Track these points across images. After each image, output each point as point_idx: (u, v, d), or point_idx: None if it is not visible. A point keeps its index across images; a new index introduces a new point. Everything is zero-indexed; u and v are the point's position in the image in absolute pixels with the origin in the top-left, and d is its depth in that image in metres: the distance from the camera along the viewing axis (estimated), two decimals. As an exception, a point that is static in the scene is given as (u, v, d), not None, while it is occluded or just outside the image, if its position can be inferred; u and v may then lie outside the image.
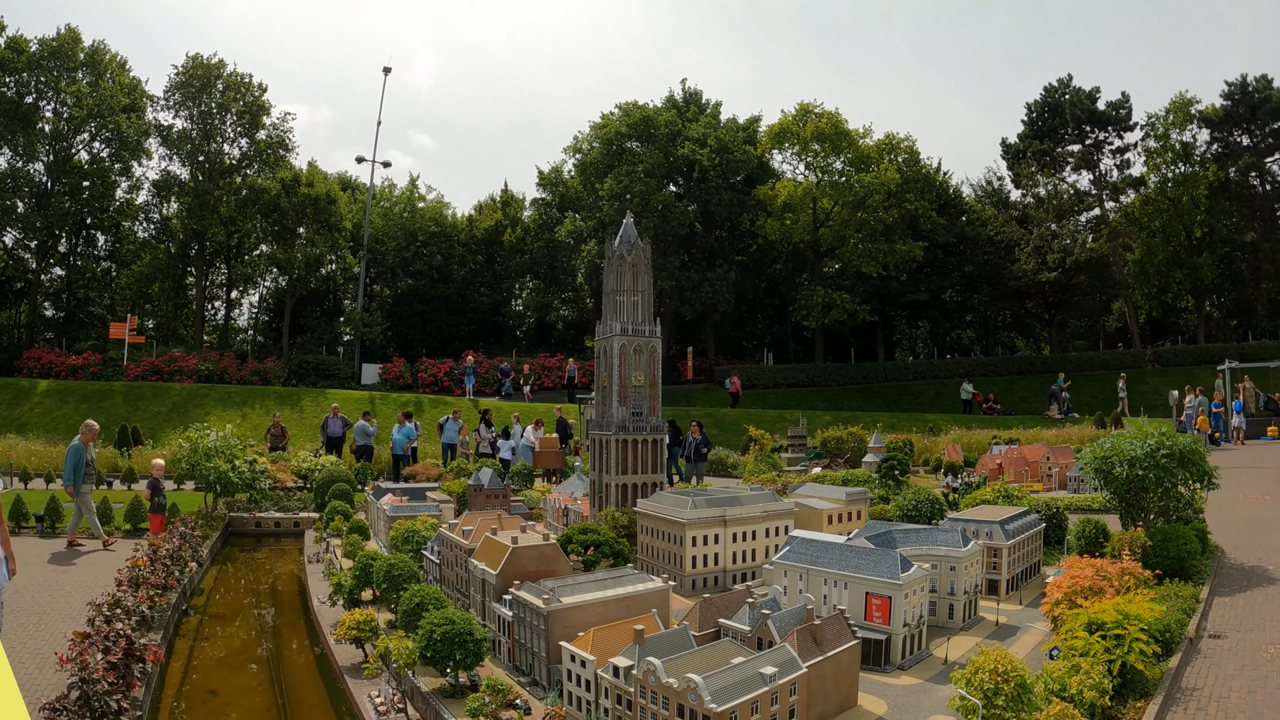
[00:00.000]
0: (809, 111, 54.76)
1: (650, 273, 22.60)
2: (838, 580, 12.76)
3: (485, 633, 11.87)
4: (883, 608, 12.06)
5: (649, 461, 21.90)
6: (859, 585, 12.43)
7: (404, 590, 13.87)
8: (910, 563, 12.38)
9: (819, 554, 13.31)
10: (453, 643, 11.32)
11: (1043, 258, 62.00)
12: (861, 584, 12.39)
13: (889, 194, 53.54)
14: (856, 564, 12.67)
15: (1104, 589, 11.05)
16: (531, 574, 13.56)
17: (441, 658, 11.26)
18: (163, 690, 13.28)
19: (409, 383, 51.18)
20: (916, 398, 52.36)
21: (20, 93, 50.74)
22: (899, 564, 12.19)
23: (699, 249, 61.11)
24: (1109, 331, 74.53)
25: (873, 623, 12.18)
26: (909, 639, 12.12)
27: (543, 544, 14.19)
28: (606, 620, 11.60)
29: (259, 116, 54.72)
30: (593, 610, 11.91)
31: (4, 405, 41.44)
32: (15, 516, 22.45)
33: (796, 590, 13.40)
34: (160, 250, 57.91)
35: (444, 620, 11.50)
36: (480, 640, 11.64)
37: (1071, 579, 11.49)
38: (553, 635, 11.59)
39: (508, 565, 13.63)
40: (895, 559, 12.28)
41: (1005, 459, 25.93)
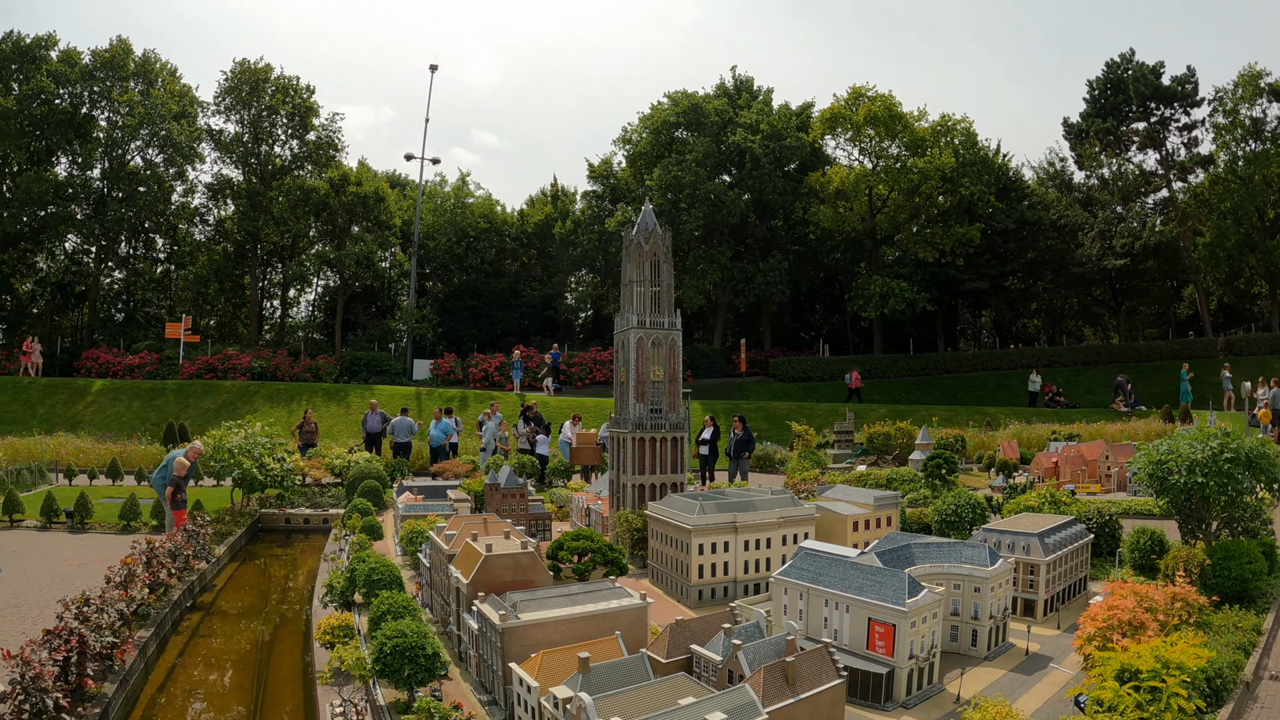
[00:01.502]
0: (861, 95, 52.24)
1: (670, 263, 21.13)
2: (839, 602, 11.18)
3: (439, 647, 10.72)
4: (886, 636, 10.45)
5: (668, 461, 20.51)
6: (861, 609, 10.84)
7: (376, 596, 12.84)
8: (920, 586, 10.72)
9: (822, 571, 11.74)
10: (403, 656, 10.31)
11: (1109, 242, 58.33)
12: (864, 608, 10.80)
13: (945, 178, 50.71)
14: (860, 585, 11.07)
15: (1146, 624, 9.22)
16: (506, 584, 12.41)
17: (392, 671, 10.32)
18: (144, 687, 12.92)
19: (460, 378, 50.68)
20: (977, 390, 49.53)
21: (75, 103, 51.67)
22: (906, 587, 10.54)
23: (753, 239, 59.14)
24: (1180, 319, 69.94)
25: (875, 652, 10.58)
26: (916, 672, 10.48)
27: (519, 552, 12.94)
28: (571, 640, 10.47)
29: (308, 118, 54.81)
30: (555, 628, 10.70)
31: (61, 404, 42.01)
32: (46, 512, 22.51)
33: (797, 611, 11.88)
34: (216, 251, 58.60)
35: (396, 633, 10.48)
36: (434, 655, 10.49)
37: (1109, 610, 9.69)
38: (509, 653, 10.44)
39: (479, 574, 12.45)
40: (902, 581, 10.64)
41: (1061, 457, 23.71)
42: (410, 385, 48.42)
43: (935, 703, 10.27)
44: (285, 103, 53.85)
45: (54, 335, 55.12)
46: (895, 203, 52.69)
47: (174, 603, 16.53)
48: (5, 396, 42.37)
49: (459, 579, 12.81)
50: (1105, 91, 60.15)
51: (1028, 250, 57.58)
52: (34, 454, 31.01)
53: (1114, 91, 59.34)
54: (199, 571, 18.86)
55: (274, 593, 19.57)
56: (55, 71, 50.77)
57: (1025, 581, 13.62)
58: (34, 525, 22.45)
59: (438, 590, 14.97)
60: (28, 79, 50.16)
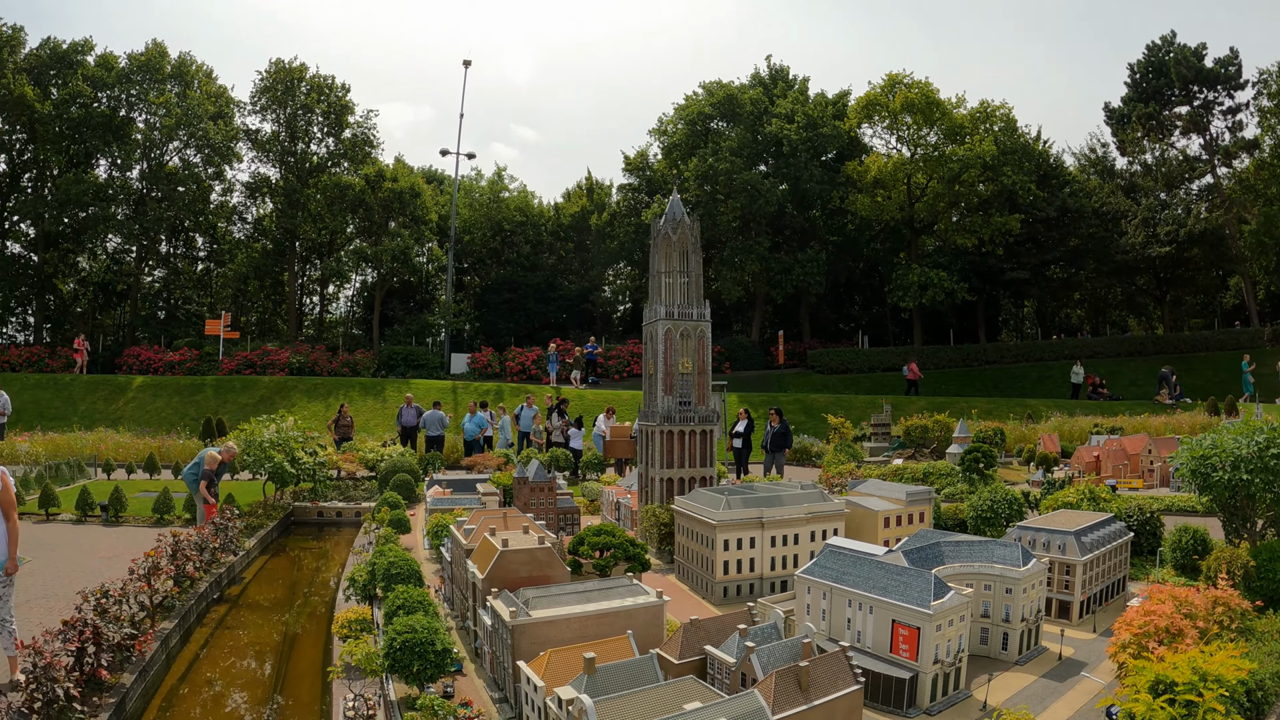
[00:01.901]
0: (897, 82, 51.07)
1: (699, 253, 20.73)
2: (863, 603, 10.78)
3: (449, 643, 10.55)
4: (910, 640, 10.03)
5: (697, 454, 20.18)
6: (885, 611, 10.43)
7: (392, 590, 12.74)
8: (946, 587, 10.27)
9: (846, 569, 11.34)
10: (411, 652, 10.17)
11: (1152, 230, 56.46)
12: (888, 610, 10.38)
13: (986, 166, 49.44)
14: (884, 585, 10.65)
15: (1184, 630, 8.68)
16: (522, 580, 12.17)
17: (401, 666, 10.19)
18: (164, 677, 13.00)
19: (497, 371, 50.71)
20: (1018, 381, 48.33)
21: (113, 106, 52.42)
22: (932, 588, 10.11)
23: (791, 230, 58.34)
24: (1226, 309, 67.52)
25: (899, 656, 10.17)
26: (942, 677, 10.05)
27: (535, 548, 12.69)
28: (584, 638, 10.17)
29: (343, 116, 55.12)
30: (567, 626, 10.43)
31: (101, 400, 42.75)
32: (81, 506, 22.68)
33: (820, 611, 11.51)
34: (255, 249, 59.24)
35: (406, 628, 10.33)
36: (444, 651, 10.30)
37: (1145, 615, 9.16)
38: (518, 651, 10.21)
39: (495, 569, 12.20)
40: (928, 582, 10.20)
41: (1103, 451, 22.88)
42: (447, 379, 48.55)
43: (961, 709, 9.83)
44: (320, 101, 54.25)
45: (96, 334, 56.16)
46: (934, 191, 51.56)
47: (200, 595, 16.60)
48: (47, 393, 43.24)
49: (475, 574, 12.64)
50: (1146, 75, 58.23)
51: (1070, 238, 55.99)
52: (74, 449, 31.49)
53: (1155, 75, 57.43)
54: (227, 564, 18.93)
55: (302, 586, 19.62)
56: (92, 76, 51.60)
57: (1060, 582, 13.07)
58: (69, 519, 22.66)
59: (457, 585, 14.83)
60: (65, 84, 51.08)
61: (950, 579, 11.58)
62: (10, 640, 11.25)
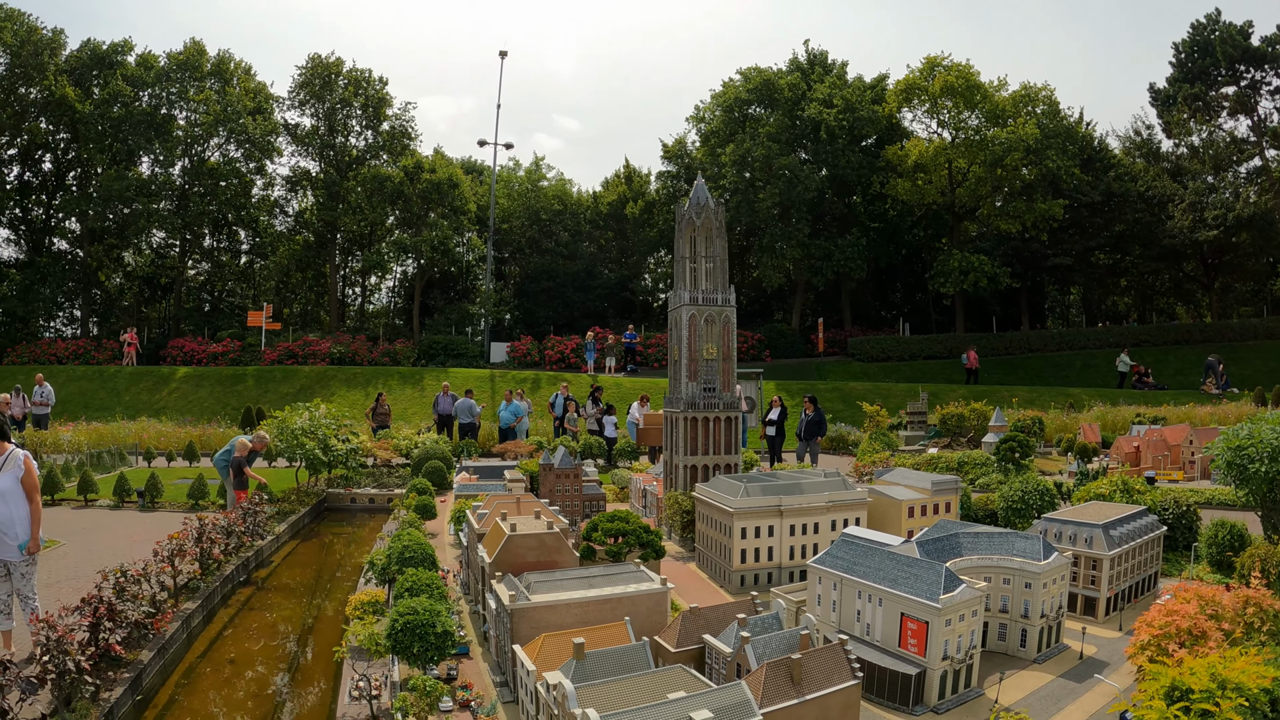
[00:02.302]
0: (936, 65, 49.70)
1: (724, 237, 20.33)
2: (872, 595, 10.40)
3: (450, 625, 10.42)
4: (919, 634, 9.63)
5: (721, 441, 19.85)
6: (894, 604, 10.03)
7: (403, 573, 12.71)
8: (958, 580, 9.82)
9: (857, 560, 10.96)
10: (412, 634, 10.16)
11: (1200, 214, 54.03)
12: (896, 602, 9.99)
13: (1029, 150, 47.88)
14: (894, 576, 10.26)
15: (1208, 633, 8.13)
16: (530, 564, 12.15)
17: (402, 648, 10.21)
18: (185, 655, 13.30)
19: (536, 360, 50.70)
20: (1062, 370, 46.85)
21: (154, 104, 53.24)
22: (942, 581, 9.68)
23: (831, 216, 57.32)
24: (1277, 296, 64.64)
25: (907, 651, 9.76)
26: (951, 674, 9.62)
27: (544, 533, 12.63)
28: (584, 623, 10.11)
29: (381, 109, 55.42)
30: (567, 611, 10.38)
31: (146, 391, 43.45)
32: (119, 492, 23.07)
33: (831, 602, 11.15)
34: (297, 242, 59.80)
35: (408, 610, 10.33)
36: (444, 634, 10.26)
37: (1167, 615, 8.60)
38: (517, 635, 10.18)
39: (503, 553, 12.26)
40: (939, 574, 9.77)
41: (1143, 442, 21.97)
42: (486, 368, 48.70)
43: (970, 709, 9.41)
44: (358, 95, 54.57)
45: (141, 326, 57.18)
46: (976, 176, 50.14)
47: (226, 577, 16.83)
48: (93, 385, 44.09)
49: (484, 558, 12.57)
50: (1191, 54, 55.76)
51: (1114, 224, 54.03)
52: (117, 438, 32.06)
53: (1201, 54, 54.96)
54: (256, 548, 19.18)
55: (329, 570, 19.70)
56: (132, 75, 52.43)
57: (1086, 577, 12.50)
58: (107, 505, 23.01)
59: (471, 569, 14.79)
60: (105, 84, 51.97)
61: (966, 572, 11.13)
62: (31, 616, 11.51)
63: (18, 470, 11.73)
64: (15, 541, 11.62)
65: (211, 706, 11.53)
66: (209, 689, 12.19)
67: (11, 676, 9.16)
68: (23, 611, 11.74)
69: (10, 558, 11.70)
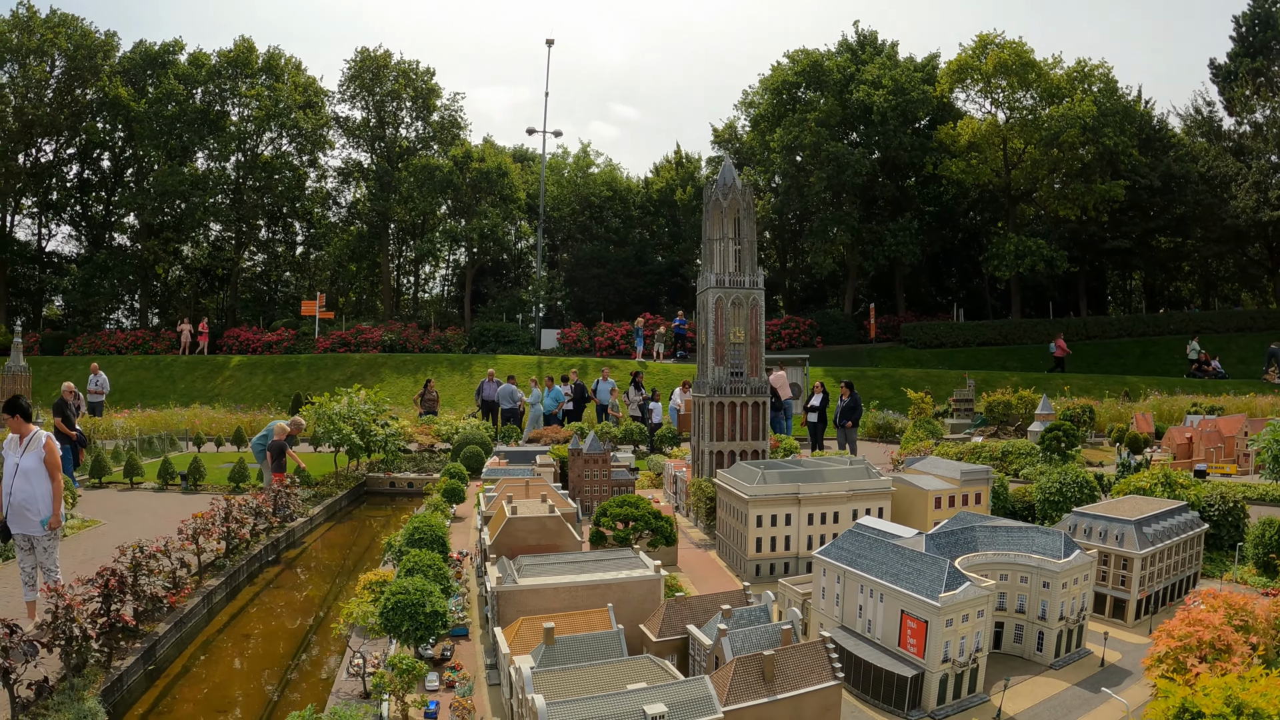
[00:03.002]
0: (989, 43, 47.50)
1: (752, 219, 19.65)
2: (874, 590, 9.75)
3: (443, 606, 10.36)
4: (918, 633, 8.96)
5: (749, 427, 19.19)
6: (895, 600, 9.38)
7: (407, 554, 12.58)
8: (962, 577, 9.09)
9: (862, 552, 10.33)
10: (402, 613, 10.11)
11: (1264, 194, 50.59)
12: (897, 599, 9.33)
13: (1086, 128, 45.53)
14: (897, 571, 9.59)
15: (1233, 646, 7.28)
16: (530, 547, 12.01)
17: (392, 626, 10.21)
18: (203, 629, 13.54)
19: (586, 346, 50.38)
20: (1121, 357, 44.60)
21: (208, 101, 54.26)
22: (944, 578, 8.97)
23: (884, 200, 55.62)
24: None
25: (907, 650, 9.09)
26: (953, 678, 8.92)
27: (545, 516, 12.41)
28: (572, 608, 9.86)
29: (430, 100, 55.56)
30: (554, 595, 10.12)
31: (200, 379, 44.31)
32: (163, 475, 23.49)
33: (834, 596, 10.54)
34: (351, 232, 60.38)
35: (400, 589, 10.29)
36: (434, 614, 10.16)
37: (1190, 625, 7.76)
38: (503, 618, 9.98)
39: (502, 536, 12.08)
40: (941, 570, 9.07)
41: (1197, 432, 20.57)
42: (535, 355, 48.58)
43: (970, 716, 8.69)
44: (407, 87, 54.75)
45: (199, 317, 58.36)
46: (1031, 157, 47.91)
47: (254, 556, 17.04)
48: (149, 374, 45.12)
49: (485, 540, 12.33)
50: (1253, 28, 52.42)
51: (1175, 205, 51.08)
52: (169, 424, 32.73)
53: (1262, 27, 51.65)
54: (287, 529, 19.41)
55: (358, 551, 19.72)
56: (183, 74, 53.44)
57: (1116, 577, 11.59)
58: (151, 487, 23.42)
59: (480, 551, 14.54)
60: (158, 83, 53.05)
61: (979, 568, 10.38)
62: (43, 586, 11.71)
63: (40, 451, 12.19)
64: (38, 517, 12.09)
65: (221, 677, 11.70)
66: (222, 661, 12.40)
67: (16, 641, 9.29)
68: (46, 583, 12.05)
69: (34, 532, 12.15)
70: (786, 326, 51.43)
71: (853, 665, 9.38)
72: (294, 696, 11.08)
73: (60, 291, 55.84)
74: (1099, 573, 11.79)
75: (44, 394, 39.48)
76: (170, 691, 11.18)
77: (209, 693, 11.22)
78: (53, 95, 53.36)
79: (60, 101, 53.46)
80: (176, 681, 11.50)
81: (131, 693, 10.90)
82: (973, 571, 10.39)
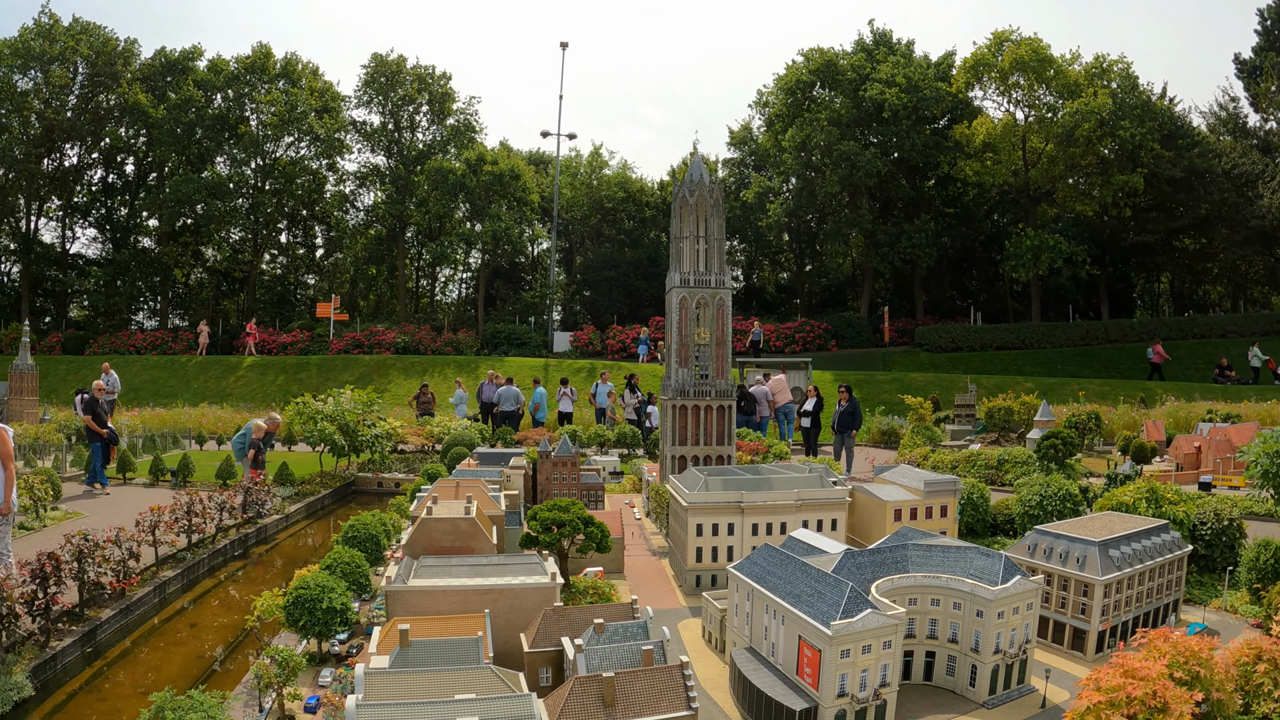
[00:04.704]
0: (1005, 40, 45.41)
1: (721, 216, 18.36)
2: (777, 611, 8.48)
3: (345, 602, 10.37)
4: (813, 663, 7.61)
5: (714, 431, 17.90)
6: (794, 624, 8.12)
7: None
8: (864, 603, 7.74)
9: (772, 569, 9.12)
10: (301, 607, 10.11)
11: None
12: (796, 624, 8.05)
13: (1101, 122, 43.30)
14: (799, 592, 8.33)
15: (1170, 705, 5.80)
16: (445, 549, 11.66)
17: (293, 620, 10.21)
18: (152, 618, 13.64)
19: (598, 349, 49.27)
20: (1141, 362, 42.19)
21: (227, 106, 54.07)
22: (843, 602, 7.66)
23: (901, 200, 53.69)
24: None
25: (803, 680, 7.76)
26: (852, 715, 7.55)
27: (459, 518, 11.89)
28: (462, 611, 9.51)
29: (446, 104, 54.84)
30: (443, 598, 9.68)
31: (213, 379, 44.05)
32: (154, 471, 23.57)
33: (745, 614, 9.26)
34: (369, 234, 59.90)
35: (302, 584, 10.33)
36: (331, 610, 10.12)
37: (1121, 676, 6.27)
38: (390, 617, 9.63)
39: (415, 536, 11.67)
40: (841, 594, 7.75)
41: (1206, 441, 18.75)
42: (544, 357, 47.55)
43: (867, 762, 7.32)
44: (422, 91, 54.13)
45: (217, 318, 57.89)
46: (1049, 155, 45.62)
47: (217, 550, 16.98)
48: (164, 373, 45.01)
49: (402, 539, 12.07)
50: (1278, 21, 49.21)
51: (1199, 203, 48.41)
52: (178, 423, 32.40)
53: None
54: (260, 525, 19.25)
55: (328, 548, 18.93)
56: (202, 80, 53.31)
57: (1076, 604, 10.10)
58: (143, 483, 23.44)
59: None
60: (177, 89, 52.90)
61: (904, 591, 9.02)
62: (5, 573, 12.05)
63: None
64: None
65: (157, 662, 11.93)
66: (161, 648, 12.55)
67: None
68: None
69: None
70: (801, 330, 49.85)
71: (748, 693, 8.16)
72: (218, 682, 11.03)
73: (82, 293, 55.99)
74: (1058, 599, 10.32)
75: (62, 392, 39.71)
76: (105, 673, 11.37)
77: (140, 676, 11.36)
78: (75, 101, 53.66)
79: (82, 107, 53.74)
80: (113, 664, 11.70)
81: (67, 671, 11.19)
82: (899, 595, 9.04)
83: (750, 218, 57.67)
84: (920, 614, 9.15)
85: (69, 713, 10.12)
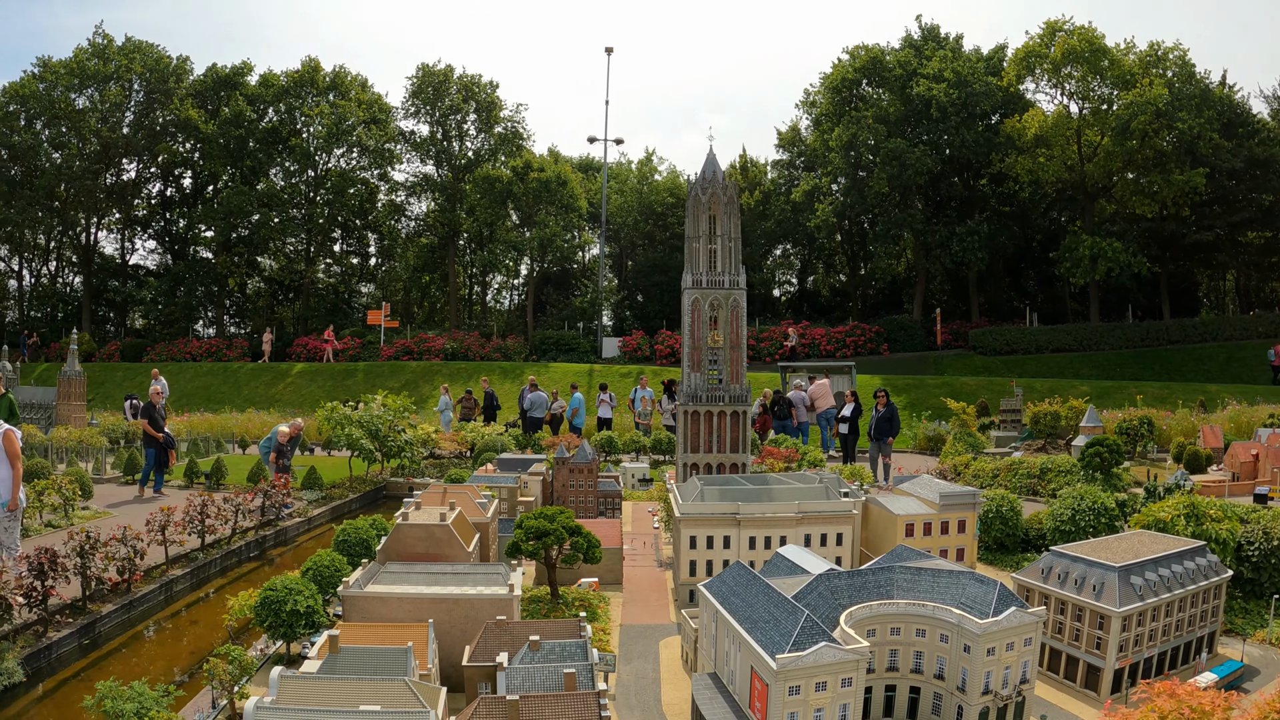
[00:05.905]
0: (1057, 30, 43.01)
1: (737, 216, 17.45)
2: (735, 637, 7.59)
3: (313, 605, 10.33)
4: (762, 698, 6.73)
5: (728, 438, 16.96)
6: (748, 654, 7.23)
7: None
8: (819, 634, 6.84)
9: (738, 589, 8.35)
10: (268, 609, 10.23)
11: None
12: (749, 654, 7.15)
13: (1157, 113, 40.75)
14: (757, 618, 7.51)
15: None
16: (419, 555, 11.53)
17: (260, 621, 10.40)
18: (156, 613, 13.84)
19: (647, 355, 48.44)
20: (1203, 364, 39.49)
21: (278, 120, 54.79)
22: (794, 632, 6.77)
23: (954, 200, 51.57)
24: None
25: (754, 715, 6.92)
26: (804, 762, 6.62)
27: (432, 524, 11.67)
28: (416, 618, 9.26)
29: (494, 112, 54.73)
30: (399, 605, 9.60)
31: (263, 385, 44.54)
32: (189, 474, 23.93)
33: (711, 637, 8.46)
34: (421, 243, 60.21)
35: (270, 586, 10.41)
36: (295, 612, 10.13)
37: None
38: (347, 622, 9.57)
39: (390, 542, 11.70)
40: (794, 623, 6.90)
41: (1264, 449, 17.03)
42: (589, 363, 46.93)
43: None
44: (469, 100, 54.14)
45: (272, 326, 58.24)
46: (1106, 149, 43.00)
47: (231, 551, 17.06)
48: (216, 380, 45.82)
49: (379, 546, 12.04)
50: None
51: (1263, 194, 45.02)
52: (224, 428, 32.86)
53: None
54: (280, 528, 19.28)
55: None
56: (252, 94, 54.11)
57: (1091, 638, 8.90)
58: (178, 485, 23.67)
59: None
60: (228, 104, 53.64)
61: (882, 620, 8.07)
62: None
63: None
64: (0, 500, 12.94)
65: (152, 655, 12.14)
66: (159, 642, 12.79)
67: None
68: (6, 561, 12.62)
69: None
70: (852, 334, 48.25)
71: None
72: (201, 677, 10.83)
73: (140, 303, 57.36)
74: (1071, 631, 9.15)
75: (115, 398, 40.56)
76: (100, 664, 11.49)
77: (133, 667, 11.39)
78: (131, 118, 55.04)
79: (138, 124, 55.04)
80: (109, 656, 11.84)
81: (61, 661, 11.45)
82: (881, 623, 8.09)
83: (800, 219, 56.16)
84: (904, 645, 8.16)
85: (57, 699, 10.38)
